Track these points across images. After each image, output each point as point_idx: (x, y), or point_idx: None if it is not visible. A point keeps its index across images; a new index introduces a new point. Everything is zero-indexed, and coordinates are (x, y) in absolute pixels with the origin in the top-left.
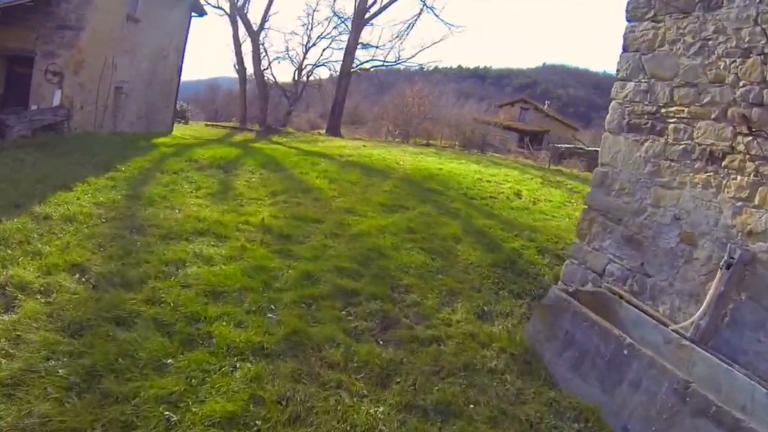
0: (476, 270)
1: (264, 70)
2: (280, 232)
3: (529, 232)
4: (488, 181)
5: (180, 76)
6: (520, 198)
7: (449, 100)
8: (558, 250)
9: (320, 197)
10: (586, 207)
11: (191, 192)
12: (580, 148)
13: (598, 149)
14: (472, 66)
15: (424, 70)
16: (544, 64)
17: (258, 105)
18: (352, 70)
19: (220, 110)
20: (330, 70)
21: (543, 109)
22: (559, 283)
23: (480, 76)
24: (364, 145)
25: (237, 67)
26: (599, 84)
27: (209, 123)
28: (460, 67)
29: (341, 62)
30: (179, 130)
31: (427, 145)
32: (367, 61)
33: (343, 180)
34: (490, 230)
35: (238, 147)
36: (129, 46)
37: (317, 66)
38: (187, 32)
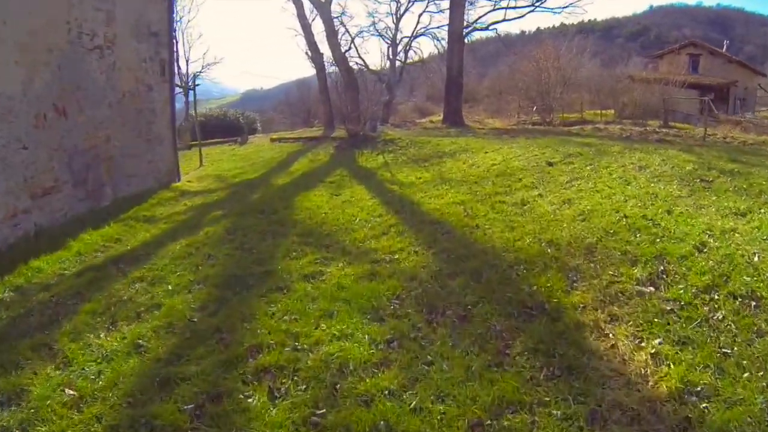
0: None
1: (346, 51)
2: None
3: None
4: None
5: (172, 75)
6: None
7: (578, 61)
8: None
9: None
10: None
11: None
12: None
13: None
14: (575, 21)
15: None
16: (651, 7)
17: (348, 99)
18: (465, 31)
19: (313, 111)
20: (433, 39)
21: (723, 53)
22: None
23: (586, 30)
24: (543, 153)
25: (310, 54)
26: (715, 19)
27: (277, 137)
28: (562, 24)
29: (448, 24)
30: (212, 163)
31: (583, 121)
32: (485, 14)
33: None
34: None
35: (247, 229)
36: None
37: (416, 37)
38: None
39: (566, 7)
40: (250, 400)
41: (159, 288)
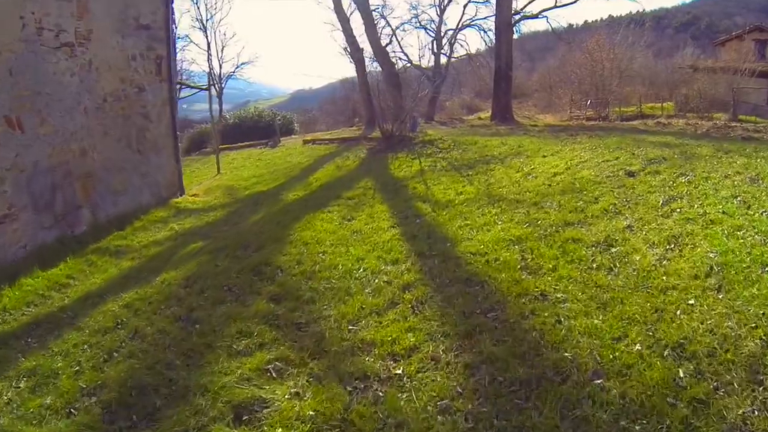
0: None
1: (387, 45)
2: None
3: None
4: None
5: (171, 74)
6: None
7: (633, 52)
8: None
9: None
10: None
11: None
12: None
13: None
14: (623, 13)
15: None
16: None
17: (388, 95)
18: (514, 19)
19: (358, 109)
20: (479, 31)
21: None
22: None
23: (636, 21)
24: (615, 157)
25: (349, 48)
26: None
27: (311, 138)
28: (610, 16)
29: (495, 14)
30: (231, 170)
31: (641, 116)
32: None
33: None
34: None
35: None
36: None
37: (461, 29)
38: None
39: None
40: None
41: (38, 398)
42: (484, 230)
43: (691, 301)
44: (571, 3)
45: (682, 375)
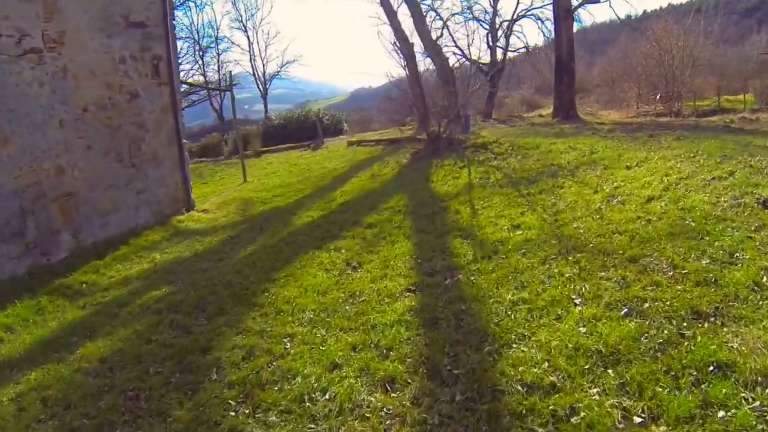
0: None
1: (437, 39)
2: None
3: None
4: None
5: (173, 76)
6: None
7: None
8: None
9: None
10: None
11: None
12: None
13: None
14: (684, 0)
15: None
16: None
17: (442, 93)
18: (574, 5)
19: (413, 107)
20: (536, 21)
21: None
22: None
23: (705, 7)
24: (726, 170)
25: (398, 43)
26: None
27: (356, 139)
28: (670, 5)
29: (552, 1)
30: (260, 178)
31: (720, 110)
32: None
33: None
34: None
35: None
36: None
37: (516, 20)
38: None
39: None
40: None
41: None
42: (551, 318)
43: None
44: None
45: None
